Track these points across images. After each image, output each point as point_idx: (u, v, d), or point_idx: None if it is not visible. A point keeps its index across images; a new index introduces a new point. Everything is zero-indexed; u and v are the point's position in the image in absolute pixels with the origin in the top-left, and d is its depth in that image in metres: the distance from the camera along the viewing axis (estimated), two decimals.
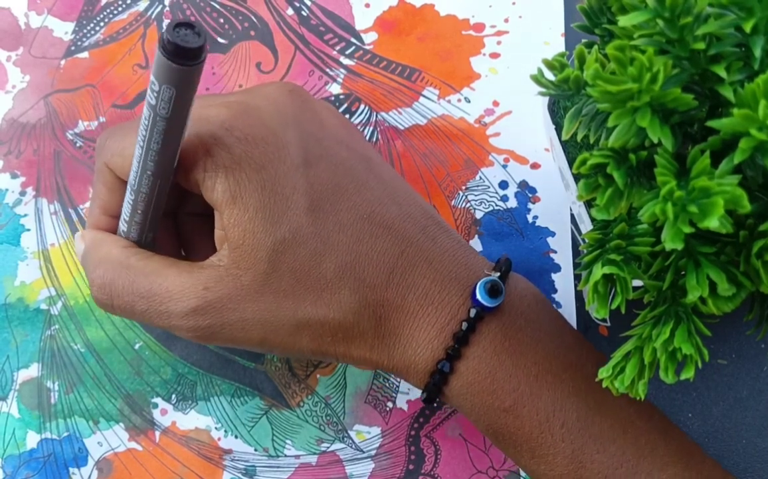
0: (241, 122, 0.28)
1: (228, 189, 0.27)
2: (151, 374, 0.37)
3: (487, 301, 0.28)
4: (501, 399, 0.28)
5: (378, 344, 0.29)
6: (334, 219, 0.28)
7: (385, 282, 0.28)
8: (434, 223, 0.30)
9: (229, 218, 0.28)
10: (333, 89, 0.42)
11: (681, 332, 0.24)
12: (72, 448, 0.37)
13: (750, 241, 0.23)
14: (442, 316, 0.28)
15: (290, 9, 0.43)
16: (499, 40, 0.42)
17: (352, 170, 0.29)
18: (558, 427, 0.28)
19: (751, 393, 0.36)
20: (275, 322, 0.28)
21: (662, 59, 0.20)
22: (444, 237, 0.30)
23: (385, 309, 0.28)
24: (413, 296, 0.28)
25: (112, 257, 0.30)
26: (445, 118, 0.41)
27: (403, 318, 0.28)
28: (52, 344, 0.38)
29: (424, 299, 0.28)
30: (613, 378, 0.26)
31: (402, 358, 0.29)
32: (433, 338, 0.28)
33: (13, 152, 0.41)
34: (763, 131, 0.19)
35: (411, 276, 0.29)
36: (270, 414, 0.37)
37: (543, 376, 0.28)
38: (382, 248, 0.28)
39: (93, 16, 0.44)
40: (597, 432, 0.28)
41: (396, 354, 0.29)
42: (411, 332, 0.29)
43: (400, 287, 0.28)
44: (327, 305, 0.28)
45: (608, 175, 0.23)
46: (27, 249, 0.39)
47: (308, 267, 0.28)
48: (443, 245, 0.30)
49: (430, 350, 0.28)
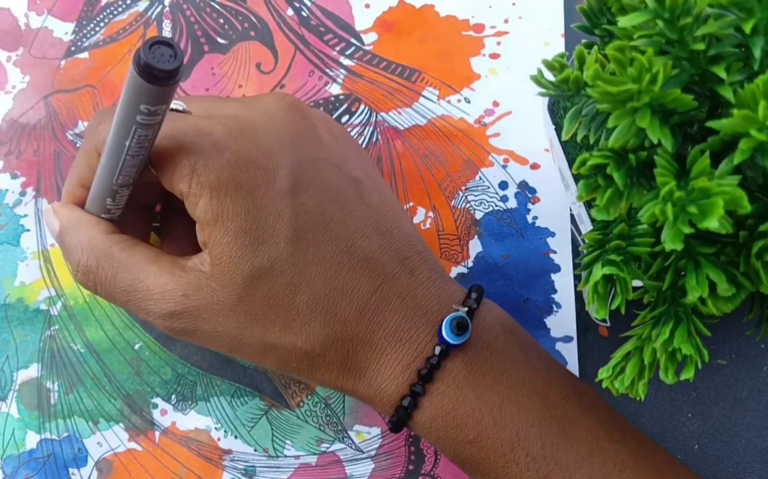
0: (235, 143, 0.28)
1: (211, 210, 0.27)
2: (150, 374, 0.37)
3: (453, 339, 0.28)
4: (465, 432, 0.28)
5: (343, 375, 0.29)
6: (314, 251, 0.28)
7: (356, 318, 0.28)
8: (416, 252, 0.31)
9: (209, 236, 0.28)
10: (333, 90, 0.42)
11: (681, 333, 0.24)
12: (72, 448, 0.36)
13: (750, 241, 0.23)
14: (408, 353, 0.29)
15: (290, 9, 0.43)
16: (499, 40, 0.42)
17: (340, 196, 0.30)
18: (523, 457, 0.28)
19: (750, 393, 0.36)
20: (244, 340, 0.29)
21: (662, 60, 0.20)
22: (422, 268, 0.30)
23: (354, 344, 0.29)
24: (382, 333, 0.29)
25: (95, 244, 0.30)
26: (445, 119, 0.41)
27: (371, 354, 0.29)
28: (51, 345, 0.38)
29: (393, 335, 0.29)
30: (613, 378, 0.26)
31: (367, 390, 0.29)
32: (399, 375, 0.28)
33: (13, 152, 0.41)
34: (763, 132, 0.19)
35: (383, 313, 0.29)
36: (270, 414, 0.37)
37: (507, 407, 0.28)
38: (358, 283, 0.29)
39: (93, 17, 0.44)
40: (563, 459, 0.28)
41: (361, 386, 0.29)
42: (377, 368, 0.29)
43: (371, 324, 0.29)
44: (296, 333, 0.28)
45: (608, 175, 0.23)
46: (27, 250, 0.39)
47: (282, 296, 0.28)
48: (420, 277, 0.30)
49: (395, 386, 0.29)
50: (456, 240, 0.39)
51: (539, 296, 0.38)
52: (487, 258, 0.38)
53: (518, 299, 0.38)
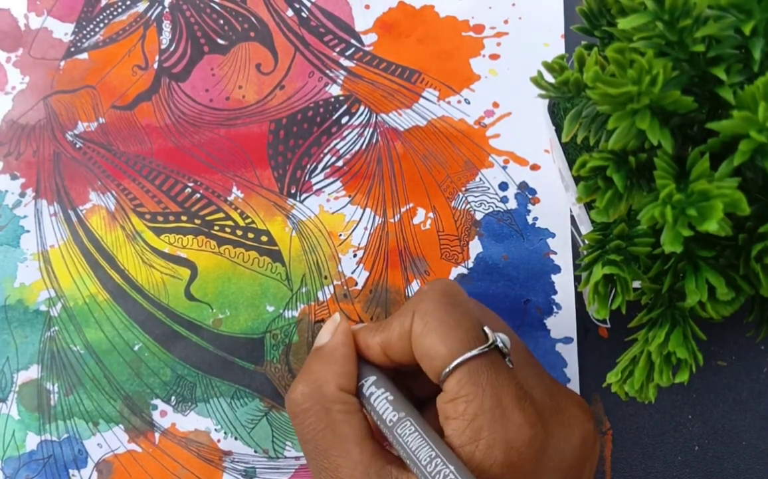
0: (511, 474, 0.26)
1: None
2: (150, 375, 0.37)
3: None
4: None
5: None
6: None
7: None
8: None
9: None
10: (333, 91, 0.42)
11: (676, 336, 0.24)
12: (72, 450, 0.36)
13: (749, 244, 0.23)
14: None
15: (290, 10, 0.43)
16: (499, 41, 0.42)
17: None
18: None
19: (750, 394, 0.36)
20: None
21: (662, 61, 0.20)
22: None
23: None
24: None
25: (325, 391, 0.29)
26: (445, 120, 0.41)
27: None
28: (51, 346, 0.38)
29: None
30: (622, 382, 0.26)
31: None
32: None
33: (13, 153, 0.41)
34: (763, 133, 0.19)
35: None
36: (270, 415, 0.37)
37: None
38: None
39: (92, 18, 0.44)
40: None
41: None
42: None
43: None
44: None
45: (608, 177, 0.23)
46: (27, 251, 0.39)
47: None
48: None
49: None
50: (456, 241, 0.39)
51: (539, 297, 0.38)
52: (488, 259, 0.38)
53: (518, 300, 0.38)
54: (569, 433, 0.28)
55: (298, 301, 0.38)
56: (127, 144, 0.41)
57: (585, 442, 0.28)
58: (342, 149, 0.40)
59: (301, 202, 0.40)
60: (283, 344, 0.38)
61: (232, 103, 0.42)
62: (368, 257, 0.39)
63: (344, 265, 0.39)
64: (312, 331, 0.38)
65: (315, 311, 0.38)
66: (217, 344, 0.38)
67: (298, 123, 0.41)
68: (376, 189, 0.40)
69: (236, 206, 0.40)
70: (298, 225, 0.39)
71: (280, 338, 0.38)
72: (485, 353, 0.27)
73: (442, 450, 0.26)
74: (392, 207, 0.39)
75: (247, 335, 0.38)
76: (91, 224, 0.40)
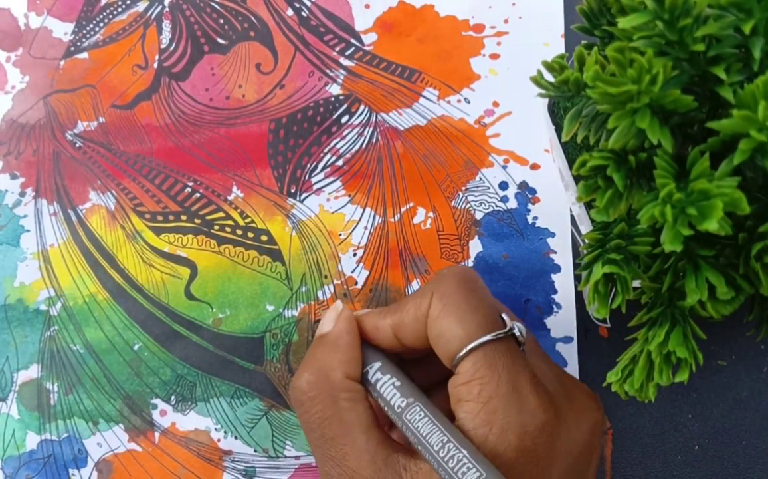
0: (525, 462, 0.26)
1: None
2: (150, 375, 0.37)
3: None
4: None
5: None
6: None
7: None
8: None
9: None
10: (333, 90, 0.42)
11: (676, 336, 0.24)
12: (72, 449, 0.36)
13: (749, 243, 0.23)
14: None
15: (290, 10, 0.43)
16: (499, 41, 0.42)
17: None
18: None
19: (751, 394, 0.36)
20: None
21: (662, 61, 0.20)
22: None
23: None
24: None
25: (332, 379, 0.29)
26: (445, 119, 0.41)
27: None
28: (51, 346, 0.38)
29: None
30: (622, 381, 0.26)
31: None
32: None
33: (13, 152, 0.41)
34: (763, 132, 0.19)
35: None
36: (270, 415, 0.37)
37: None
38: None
39: (92, 17, 0.44)
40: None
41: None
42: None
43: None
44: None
45: (608, 177, 0.23)
46: (26, 250, 0.39)
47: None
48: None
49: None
50: (456, 240, 0.39)
51: (539, 296, 0.38)
52: (488, 258, 0.38)
53: (518, 299, 0.38)
54: (580, 420, 0.28)
55: (298, 300, 0.38)
56: (126, 143, 0.41)
57: (594, 430, 0.28)
58: (342, 149, 0.40)
59: (301, 201, 0.40)
60: (283, 344, 0.38)
61: (232, 102, 0.42)
62: (368, 256, 0.39)
63: (344, 264, 0.39)
64: (312, 330, 0.38)
65: (315, 311, 0.38)
66: (217, 343, 0.38)
67: (298, 122, 0.41)
68: (376, 188, 0.40)
69: (236, 206, 0.40)
70: (298, 224, 0.39)
71: (280, 337, 0.38)
72: (501, 339, 0.27)
73: (454, 434, 0.26)
74: (392, 206, 0.39)
75: (247, 335, 0.38)
76: (91, 224, 0.40)
